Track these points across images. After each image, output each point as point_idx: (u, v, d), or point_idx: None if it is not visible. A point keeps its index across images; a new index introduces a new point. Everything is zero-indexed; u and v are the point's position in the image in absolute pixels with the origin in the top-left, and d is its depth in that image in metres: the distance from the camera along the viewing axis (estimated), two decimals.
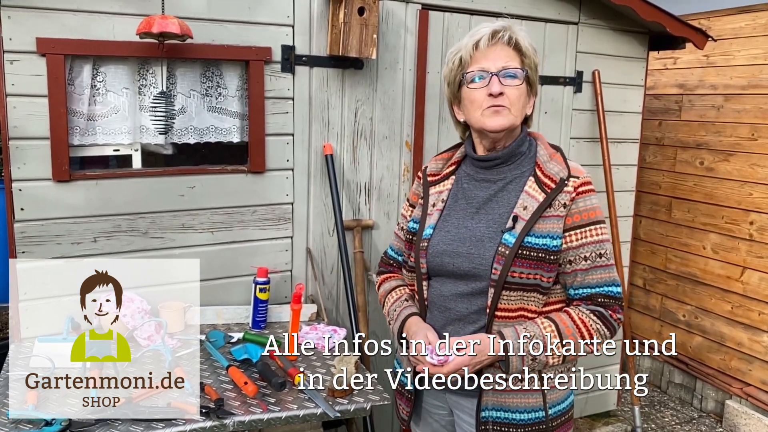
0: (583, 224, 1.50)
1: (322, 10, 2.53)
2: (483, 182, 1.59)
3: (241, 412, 1.78)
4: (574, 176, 1.51)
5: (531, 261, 1.47)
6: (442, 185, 1.66)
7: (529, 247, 1.47)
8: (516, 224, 1.49)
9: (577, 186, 1.50)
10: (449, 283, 1.57)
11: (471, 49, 1.51)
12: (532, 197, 1.51)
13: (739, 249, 3.74)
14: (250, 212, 2.55)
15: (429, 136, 2.86)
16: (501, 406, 1.53)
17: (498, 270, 1.47)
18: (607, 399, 3.66)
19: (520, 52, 1.52)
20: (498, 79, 1.48)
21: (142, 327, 2.22)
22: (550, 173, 1.52)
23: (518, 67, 1.51)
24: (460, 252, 1.54)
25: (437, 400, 1.67)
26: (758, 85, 3.64)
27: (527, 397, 1.53)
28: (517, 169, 1.56)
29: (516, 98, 1.50)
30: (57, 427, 1.64)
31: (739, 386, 3.72)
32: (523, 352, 1.46)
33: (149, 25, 2.03)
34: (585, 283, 1.51)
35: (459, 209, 1.60)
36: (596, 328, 1.50)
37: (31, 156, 2.17)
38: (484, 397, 1.53)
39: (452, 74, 1.57)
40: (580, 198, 1.50)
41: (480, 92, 1.50)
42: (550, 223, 1.48)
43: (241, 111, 2.53)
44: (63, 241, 2.25)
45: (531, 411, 1.53)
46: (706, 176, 3.94)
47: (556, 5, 3.01)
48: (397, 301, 1.70)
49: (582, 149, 3.26)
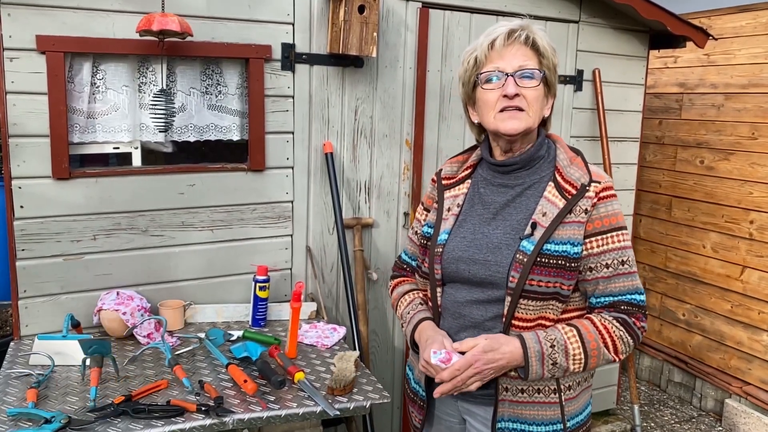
0: (604, 230, 1.45)
1: (323, 8, 2.53)
2: (500, 187, 1.54)
3: (240, 410, 1.78)
4: (595, 181, 1.46)
5: (550, 269, 1.42)
6: (458, 189, 1.62)
7: (548, 254, 1.42)
8: (535, 231, 1.44)
9: (598, 191, 1.45)
10: (464, 290, 1.53)
11: (486, 48, 1.46)
12: (551, 203, 1.46)
13: (739, 248, 3.74)
14: (250, 210, 2.54)
15: (429, 134, 2.86)
16: (518, 417, 1.49)
17: (515, 278, 1.43)
18: (606, 398, 3.66)
19: (537, 52, 1.47)
20: (514, 79, 1.43)
21: (142, 325, 2.22)
22: (570, 179, 1.47)
23: (536, 68, 1.45)
24: (476, 259, 1.49)
25: (448, 408, 1.64)
26: (759, 84, 3.64)
27: (545, 410, 1.49)
28: (536, 174, 1.52)
29: (533, 99, 1.45)
30: (56, 425, 1.63)
31: (739, 385, 3.72)
32: (544, 357, 1.41)
33: (149, 23, 2.02)
34: (607, 291, 1.46)
35: (475, 214, 1.56)
36: (619, 335, 1.44)
37: (31, 153, 2.17)
38: (500, 409, 1.49)
39: (467, 74, 1.52)
40: (601, 203, 1.45)
41: (494, 93, 1.45)
42: (570, 230, 1.43)
43: (241, 109, 2.53)
44: (62, 238, 2.25)
45: (549, 423, 1.49)
46: (706, 175, 3.94)
47: (556, 4, 3.00)
48: (411, 304, 1.67)
49: (582, 148, 3.24)
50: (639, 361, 4.35)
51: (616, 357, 1.46)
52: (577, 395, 1.53)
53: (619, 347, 1.45)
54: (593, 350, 1.43)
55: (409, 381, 1.74)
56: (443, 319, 1.58)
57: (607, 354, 1.45)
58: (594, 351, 1.43)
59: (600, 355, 1.44)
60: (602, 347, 1.44)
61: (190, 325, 2.43)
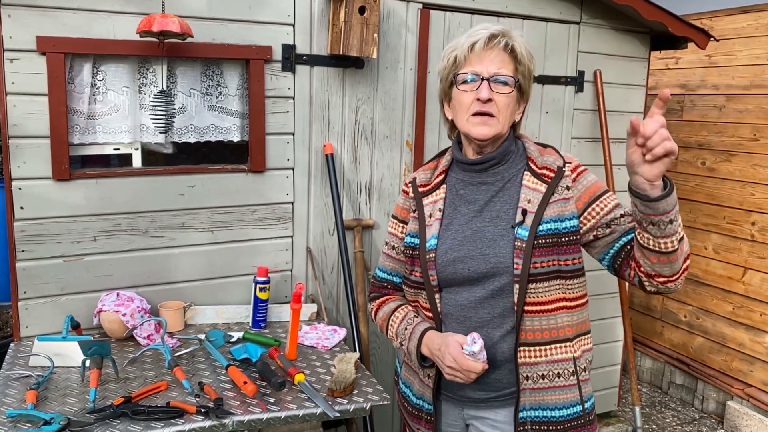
0: (597, 196, 1.52)
1: (323, 9, 2.53)
2: (481, 185, 1.57)
3: (240, 411, 1.78)
4: (568, 162, 1.55)
5: (546, 248, 1.47)
6: (435, 194, 1.62)
7: (542, 235, 1.47)
8: (525, 218, 1.49)
9: (573, 169, 1.53)
10: (464, 291, 1.53)
11: (466, 50, 1.50)
12: (533, 190, 1.51)
13: (740, 250, 3.73)
14: (250, 211, 2.54)
15: (430, 135, 2.86)
16: (539, 404, 1.51)
17: (519, 264, 1.46)
18: (607, 399, 3.65)
19: (515, 58, 1.51)
20: (488, 84, 1.47)
21: (142, 326, 2.22)
22: (545, 164, 1.54)
23: (510, 75, 1.50)
24: (473, 255, 1.51)
25: (450, 418, 1.63)
26: (760, 86, 3.63)
27: (566, 393, 1.51)
28: (512, 168, 1.57)
29: (504, 106, 1.49)
30: (56, 427, 1.63)
31: (741, 387, 3.71)
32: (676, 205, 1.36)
33: (149, 24, 2.02)
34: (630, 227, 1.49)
35: (460, 214, 1.57)
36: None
37: (31, 154, 2.17)
38: (522, 398, 1.50)
39: (445, 71, 1.56)
40: (580, 177, 1.53)
41: (469, 96, 1.50)
42: (558, 207, 1.49)
43: (242, 110, 2.53)
44: (63, 240, 2.25)
45: (570, 406, 1.52)
46: (707, 176, 3.93)
47: (557, 5, 3.00)
48: (405, 320, 1.63)
49: (583, 149, 3.25)
50: (640, 362, 4.35)
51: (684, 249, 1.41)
52: (589, 377, 1.57)
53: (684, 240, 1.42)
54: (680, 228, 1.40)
55: (408, 398, 1.69)
56: (445, 325, 1.56)
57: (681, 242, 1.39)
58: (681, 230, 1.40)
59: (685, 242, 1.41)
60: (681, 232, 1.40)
61: (190, 327, 2.42)
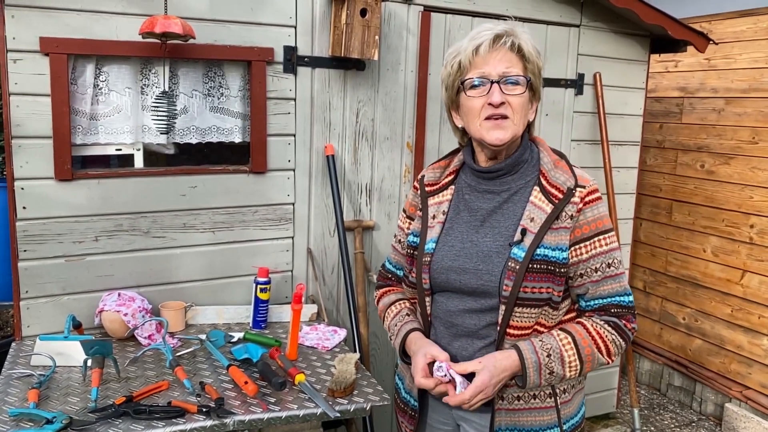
0: (591, 235, 1.45)
1: (325, 11, 2.54)
2: (486, 193, 1.52)
3: (241, 411, 1.78)
4: (580, 186, 1.45)
5: (542, 274, 1.41)
6: (441, 195, 1.59)
7: (539, 260, 1.41)
8: (524, 237, 1.43)
9: (584, 196, 1.45)
10: (455, 299, 1.51)
11: (471, 54, 1.43)
12: (539, 208, 1.45)
13: (739, 252, 3.74)
14: (251, 212, 2.55)
15: (430, 137, 2.87)
16: (515, 425, 1.49)
17: (509, 286, 1.41)
18: (606, 401, 3.66)
19: (522, 57, 1.44)
20: (499, 86, 1.41)
21: (143, 326, 2.22)
22: (556, 182, 1.46)
23: (520, 74, 1.43)
24: (466, 268, 1.47)
25: (441, 416, 1.62)
26: (759, 89, 3.65)
27: (542, 415, 1.49)
28: (521, 179, 1.50)
29: (518, 107, 1.43)
30: (58, 426, 1.64)
31: (739, 389, 3.72)
32: (541, 367, 1.41)
33: (152, 25, 2.03)
34: (597, 294, 1.47)
35: (462, 222, 1.53)
36: (612, 339, 1.46)
37: (34, 154, 2.18)
38: (497, 417, 1.48)
39: (450, 79, 1.49)
40: (587, 207, 1.45)
41: (479, 101, 1.43)
42: (558, 236, 1.43)
43: (243, 111, 2.53)
44: (65, 239, 2.26)
45: (546, 428, 1.50)
46: (706, 179, 3.94)
47: (557, 8, 3.01)
48: (398, 315, 1.64)
49: (583, 151, 3.27)
50: (639, 364, 4.35)
51: (609, 360, 1.49)
52: (572, 398, 1.54)
53: (612, 350, 1.47)
54: (588, 356, 1.45)
55: (399, 391, 1.71)
56: (434, 328, 1.57)
57: (601, 358, 1.47)
58: (589, 357, 1.45)
59: (594, 360, 1.46)
60: (596, 352, 1.46)
61: (191, 327, 2.43)
